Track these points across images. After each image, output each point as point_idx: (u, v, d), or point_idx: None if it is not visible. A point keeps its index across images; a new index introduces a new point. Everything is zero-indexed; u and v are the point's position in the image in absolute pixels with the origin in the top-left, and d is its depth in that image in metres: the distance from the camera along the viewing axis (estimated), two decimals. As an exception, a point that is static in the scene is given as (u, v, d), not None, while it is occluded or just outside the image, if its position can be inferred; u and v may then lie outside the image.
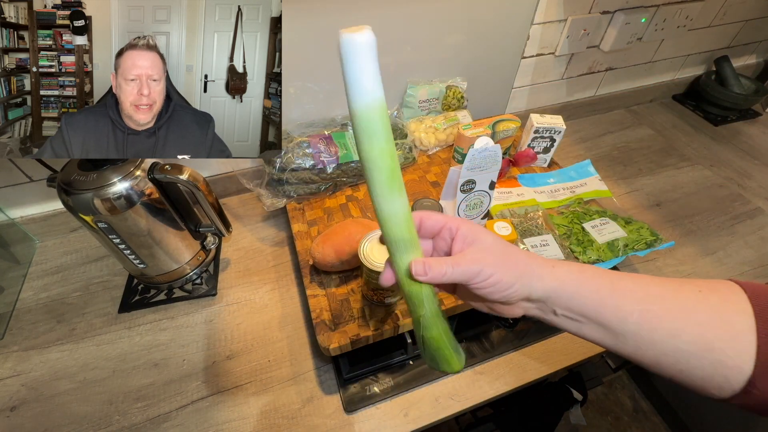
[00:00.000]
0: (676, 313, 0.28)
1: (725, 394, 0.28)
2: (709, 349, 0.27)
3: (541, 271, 0.32)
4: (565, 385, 0.89)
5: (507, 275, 0.31)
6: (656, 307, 0.29)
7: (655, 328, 0.29)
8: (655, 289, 0.30)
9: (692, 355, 0.28)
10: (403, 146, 0.80)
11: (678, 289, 0.29)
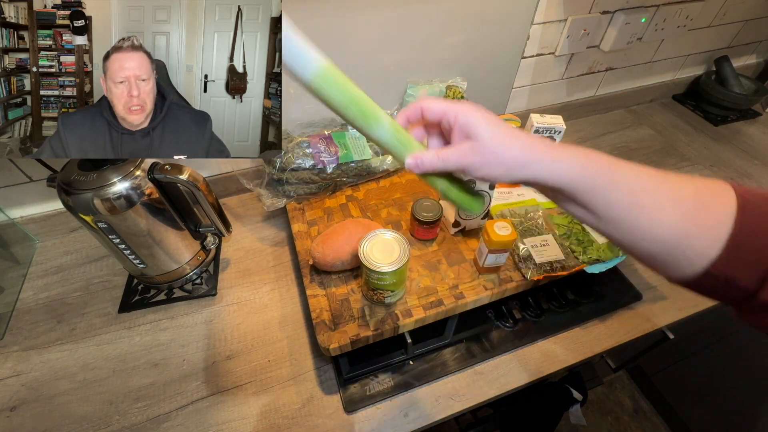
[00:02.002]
0: (665, 205, 0.30)
1: (684, 276, 0.30)
2: (684, 236, 0.29)
3: (538, 166, 0.32)
4: (565, 385, 0.89)
5: (494, 171, 0.33)
6: (648, 200, 0.30)
7: (639, 218, 0.30)
8: (652, 184, 0.31)
9: (667, 242, 0.30)
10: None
11: (677, 186, 0.30)
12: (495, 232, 0.55)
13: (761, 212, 0.28)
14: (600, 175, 0.31)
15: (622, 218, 0.31)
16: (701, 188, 0.30)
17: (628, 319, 0.67)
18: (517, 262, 0.62)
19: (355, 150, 0.74)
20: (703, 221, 0.29)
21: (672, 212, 0.29)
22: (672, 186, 0.30)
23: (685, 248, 0.29)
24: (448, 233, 0.68)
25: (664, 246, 0.30)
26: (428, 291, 0.59)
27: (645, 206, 0.30)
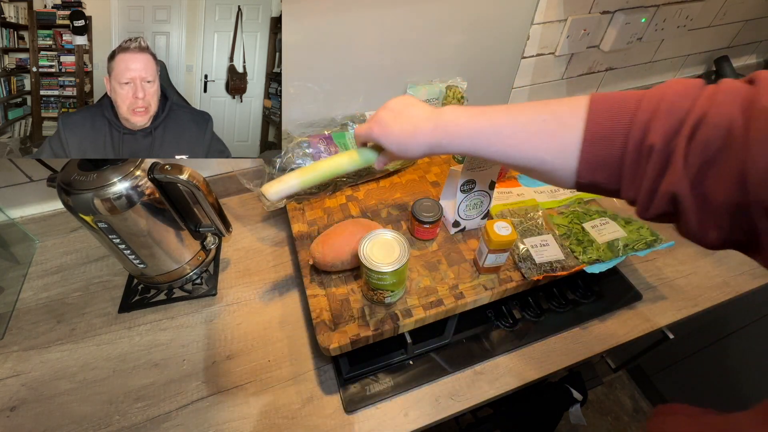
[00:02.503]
0: (523, 143, 0.39)
1: (567, 185, 0.38)
2: (542, 162, 0.38)
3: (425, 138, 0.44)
4: (565, 385, 0.89)
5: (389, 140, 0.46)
6: (511, 141, 0.39)
7: (508, 153, 0.40)
8: (510, 128, 0.39)
9: (534, 166, 0.39)
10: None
11: (529, 121, 0.38)
12: (495, 232, 0.55)
13: (605, 123, 0.34)
14: (475, 130, 0.41)
15: (496, 154, 0.41)
16: (553, 116, 0.37)
17: (628, 319, 0.67)
18: (517, 262, 0.62)
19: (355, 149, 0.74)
20: (554, 149, 0.36)
21: (528, 147, 0.38)
22: (529, 121, 0.38)
23: (551, 170, 0.38)
24: (448, 233, 0.68)
25: (538, 171, 0.39)
26: (428, 291, 0.59)
27: (510, 145, 0.39)
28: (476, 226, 0.69)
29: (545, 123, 0.37)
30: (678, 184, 0.30)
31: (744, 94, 0.28)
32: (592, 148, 0.34)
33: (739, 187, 0.27)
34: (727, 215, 0.29)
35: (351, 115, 0.82)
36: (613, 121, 0.33)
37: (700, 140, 0.29)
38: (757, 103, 0.27)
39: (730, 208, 0.29)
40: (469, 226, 0.68)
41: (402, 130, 0.45)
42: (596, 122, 0.34)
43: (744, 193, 0.27)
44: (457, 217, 0.65)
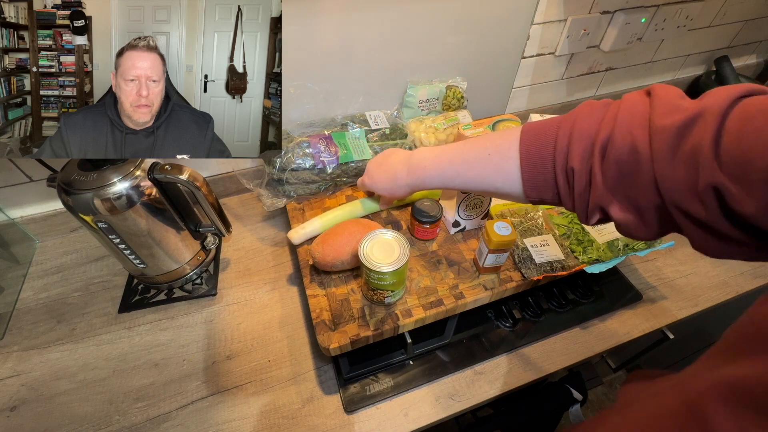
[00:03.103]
0: (478, 174, 0.45)
1: (524, 202, 0.43)
2: (496, 188, 0.44)
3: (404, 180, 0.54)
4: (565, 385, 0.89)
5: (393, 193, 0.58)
6: (469, 174, 0.46)
7: (469, 184, 0.46)
8: (465, 165, 0.46)
9: (492, 191, 0.45)
10: (403, 146, 0.80)
11: (478, 157, 0.45)
12: (495, 232, 0.55)
13: (535, 153, 0.39)
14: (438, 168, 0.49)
15: (465, 188, 0.48)
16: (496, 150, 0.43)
17: (628, 319, 0.67)
18: (517, 262, 0.62)
19: (356, 150, 0.74)
20: (502, 176, 0.42)
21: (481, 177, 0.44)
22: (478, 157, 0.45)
23: (506, 194, 0.43)
24: (448, 233, 0.68)
25: (497, 194, 0.45)
26: (428, 291, 0.59)
27: (467, 177, 0.46)
28: (476, 226, 0.69)
29: (490, 157, 0.43)
30: (602, 198, 0.35)
31: (641, 113, 0.33)
32: (530, 174, 0.40)
33: (655, 193, 0.32)
34: (651, 216, 0.34)
35: (351, 115, 0.82)
36: (540, 150, 0.39)
37: (611, 159, 0.33)
38: (653, 124, 0.32)
39: (653, 211, 0.34)
40: (469, 226, 0.68)
41: (386, 177, 0.57)
42: (528, 152, 0.40)
43: (660, 198, 0.32)
44: (457, 217, 0.65)
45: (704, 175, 0.29)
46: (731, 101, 0.29)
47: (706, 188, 0.29)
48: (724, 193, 0.28)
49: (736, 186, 0.28)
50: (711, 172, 0.28)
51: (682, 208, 0.31)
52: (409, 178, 0.53)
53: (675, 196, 0.31)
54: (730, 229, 0.30)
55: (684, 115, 0.30)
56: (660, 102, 0.32)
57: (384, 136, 0.78)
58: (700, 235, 0.32)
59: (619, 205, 0.35)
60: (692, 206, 0.31)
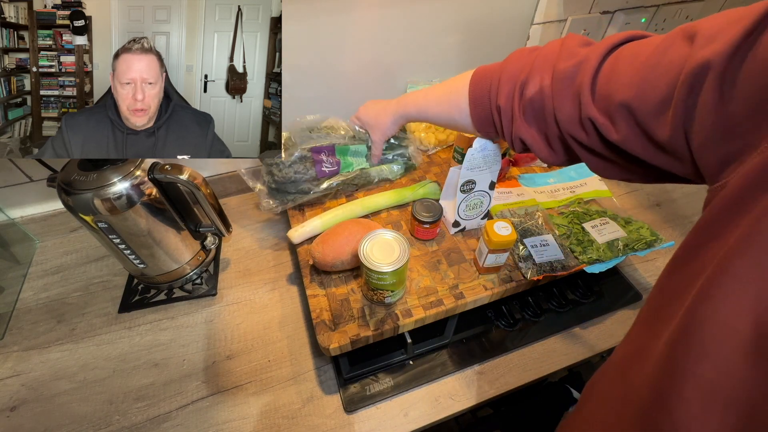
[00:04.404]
0: (442, 109, 0.53)
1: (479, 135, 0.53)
2: (455, 121, 0.52)
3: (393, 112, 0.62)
4: (565, 385, 0.89)
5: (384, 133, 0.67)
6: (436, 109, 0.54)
7: (436, 118, 0.55)
8: (434, 101, 0.55)
9: (452, 125, 0.53)
10: (402, 156, 0.78)
11: (442, 95, 0.53)
12: (495, 232, 0.55)
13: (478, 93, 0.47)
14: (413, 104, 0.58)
15: (434, 121, 0.57)
16: (452, 88, 0.51)
17: (628, 319, 0.67)
18: (517, 262, 0.62)
19: (358, 163, 0.74)
20: (457, 111, 0.50)
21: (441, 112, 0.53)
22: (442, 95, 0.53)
23: (463, 127, 0.52)
24: (448, 233, 0.68)
25: (456, 128, 0.54)
26: (428, 291, 0.59)
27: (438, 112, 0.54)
28: (476, 226, 0.69)
29: (450, 96, 0.51)
30: (520, 129, 0.43)
31: (551, 58, 0.40)
32: (474, 111, 0.48)
33: (555, 125, 0.40)
34: (557, 144, 0.42)
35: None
36: (481, 90, 0.46)
37: (526, 98, 0.41)
38: (556, 67, 0.39)
39: (557, 139, 0.41)
40: (469, 226, 0.68)
41: (376, 106, 0.66)
42: (473, 93, 0.47)
43: (559, 128, 0.40)
44: (457, 217, 0.65)
45: (583, 109, 0.36)
46: (612, 46, 0.35)
47: (585, 119, 0.36)
48: (596, 124, 0.35)
49: (603, 118, 0.34)
50: (587, 107, 0.35)
51: (574, 136, 0.38)
52: (397, 108, 0.61)
53: (567, 126, 0.38)
54: (608, 153, 0.36)
55: (576, 59, 0.37)
56: (565, 48, 0.39)
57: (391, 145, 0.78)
58: (590, 158, 0.39)
59: (533, 135, 0.43)
60: (579, 134, 0.38)
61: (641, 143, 0.32)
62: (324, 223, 0.66)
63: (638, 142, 0.32)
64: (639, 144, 0.32)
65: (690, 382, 0.23)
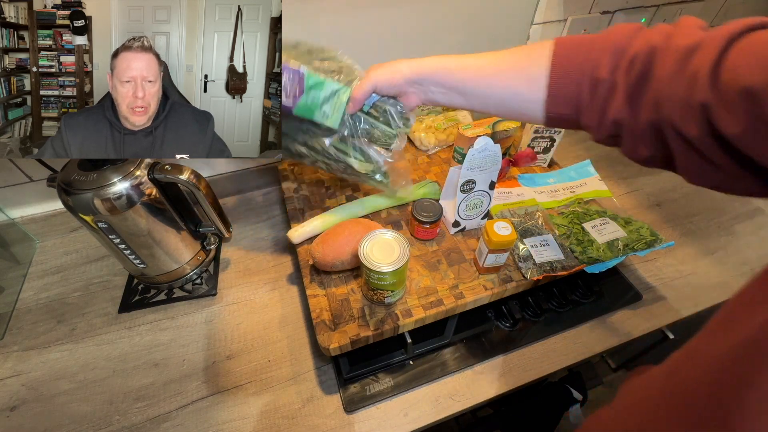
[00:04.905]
0: (495, 73, 0.44)
1: (536, 119, 0.43)
2: (517, 93, 0.43)
3: (413, 68, 0.50)
4: (565, 385, 0.89)
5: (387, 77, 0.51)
6: (485, 72, 0.45)
7: (483, 85, 0.45)
8: (484, 62, 0.46)
9: (509, 99, 0.44)
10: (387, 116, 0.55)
11: (499, 61, 0.45)
12: (495, 232, 0.55)
13: (567, 62, 0.39)
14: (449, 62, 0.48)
15: (472, 89, 0.46)
16: (521, 54, 0.43)
17: (628, 319, 0.67)
18: (517, 262, 0.62)
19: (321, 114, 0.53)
20: (526, 80, 0.42)
21: (500, 78, 0.44)
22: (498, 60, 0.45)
23: (522, 101, 0.43)
24: (448, 233, 0.68)
25: (509, 105, 0.44)
26: (428, 291, 0.59)
27: (484, 77, 0.45)
28: (476, 226, 0.69)
29: (516, 62, 0.43)
30: (619, 110, 0.36)
31: (665, 36, 0.35)
32: (558, 82, 0.40)
33: (654, 109, 0.34)
34: (650, 134, 0.35)
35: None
36: (571, 59, 0.40)
37: (633, 74, 0.35)
38: (669, 44, 0.34)
39: (652, 128, 0.35)
40: (469, 226, 0.68)
41: (385, 69, 0.52)
42: (560, 60, 0.40)
43: (658, 114, 0.34)
44: (457, 217, 0.65)
45: (698, 92, 0.31)
46: (742, 30, 0.30)
47: (697, 106, 0.31)
48: (712, 112, 0.30)
49: (721, 105, 0.29)
50: (703, 90, 0.30)
51: (677, 127, 0.33)
52: (411, 68, 0.50)
53: (672, 113, 0.33)
54: (714, 151, 0.31)
55: (696, 38, 0.32)
56: (680, 27, 0.34)
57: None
58: (688, 156, 0.34)
59: (630, 119, 0.36)
60: (685, 125, 0.32)
61: (763, 140, 0.28)
62: (324, 223, 0.66)
63: (759, 138, 0.28)
64: (759, 141, 0.28)
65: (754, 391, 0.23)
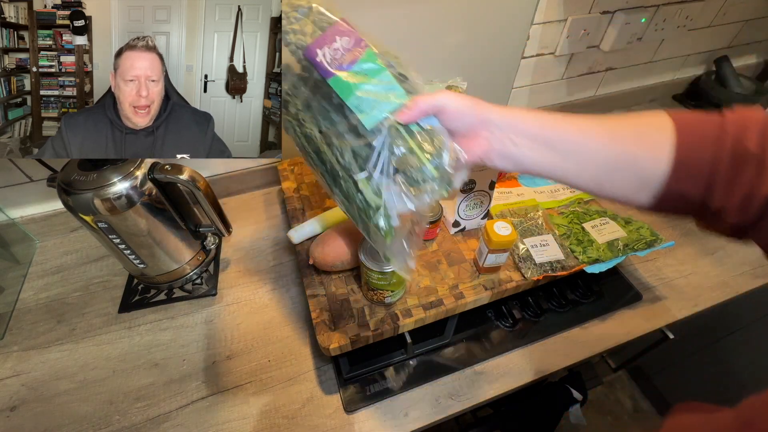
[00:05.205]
0: (605, 132, 0.35)
1: (647, 199, 0.35)
2: (632, 160, 0.34)
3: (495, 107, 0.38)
4: (565, 385, 0.89)
5: (462, 103, 0.37)
6: (591, 126, 0.36)
7: (589, 143, 0.35)
8: (587, 119, 0.37)
9: (620, 166, 0.35)
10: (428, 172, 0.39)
11: (608, 117, 0.36)
12: (495, 232, 0.55)
13: (695, 130, 0.33)
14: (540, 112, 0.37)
15: (573, 146, 0.36)
16: (637, 119, 0.36)
17: (628, 319, 0.67)
18: (517, 262, 0.62)
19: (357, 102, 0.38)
20: (645, 144, 0.34)
21: (613, 137, 0.35)
22: (600, 118, 0.36)
23: (637, 170, 0.34)
24: (448, 233, 0.68)
25: (619, 171, 0.35)
26: (428, 291, 0.59)
27: (590, 132, 0.36)
28: (476, 226, 0.69)
29: (635, 126, 0.35)
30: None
31: None
32: (688, 149, 0.33)
33: None
34: None
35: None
36: (705, 125, 0.33)
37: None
38: None
39: None
40: (469, 226, 0.68)
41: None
42: (685, 128, 0.33)
43: None
44: (457, 217, 0.65)
45: None
46: None
47: None
48: None
49: None
50: None
51: None
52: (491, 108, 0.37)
53: None
54: None
55: None
56: None
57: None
58: None
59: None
60: None
61: None
62: (324, 223, 0.66)
63: None
64: None
65: None
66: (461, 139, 0.38)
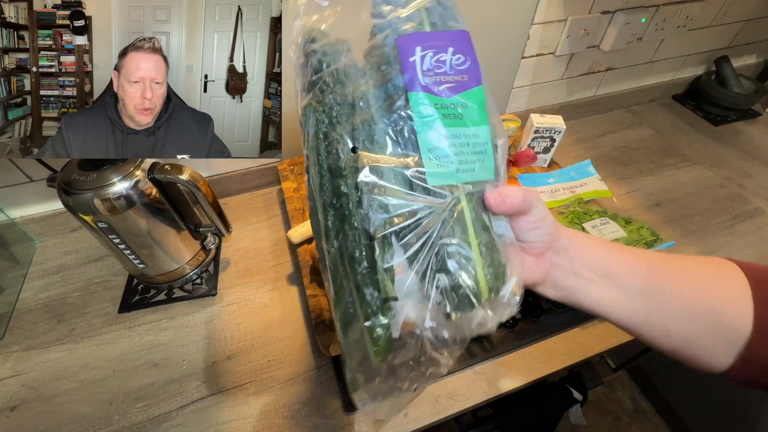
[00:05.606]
0: (678, 275, 0.30)
1: (725, 363, 0.29)
2: (710, 309, 0.28)
3: (563, 228, 0.32)
4: (565, 385, 0.89)
5: (547, 213, 0.30)
6: (661, 266, 0.30)
7: (661, 287, 0.30)
8: (655, 256, 0.32)
9: (697, 317, 0.29)
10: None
11: (676, 257, 0.32)
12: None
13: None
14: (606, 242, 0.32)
15: (644, 289, 0.30)
16: (702, 263, 0.31)
17: (628, 319, 0.67)
18: (517, 262, 0.62)
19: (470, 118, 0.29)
20: (722, 295, 0.28)
21: (688, 283, 0.29)
22: (673, 257, 0.31)
23: (717, 326, 0.28)
24: (448, 233, 0.68)
25: (695, 324, 0.29)
26: (428, 291, 0.59)
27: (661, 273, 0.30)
28: (476, 226, 0.68)
29: (704, 267, 0.30)
30: None
31: None
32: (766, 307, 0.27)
33: None
34: None
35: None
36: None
37: None
38: None
39: None
40: (469, 226, 0.68)
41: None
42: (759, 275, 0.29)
43: None
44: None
45: None
46: None
47: None
48: None
49: None
50: None
51: None
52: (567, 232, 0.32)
53: None
54: None
55: None
56: None
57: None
58: None
59: None
60: None
61: None
62: None
63: None
64: None
65: None
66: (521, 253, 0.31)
